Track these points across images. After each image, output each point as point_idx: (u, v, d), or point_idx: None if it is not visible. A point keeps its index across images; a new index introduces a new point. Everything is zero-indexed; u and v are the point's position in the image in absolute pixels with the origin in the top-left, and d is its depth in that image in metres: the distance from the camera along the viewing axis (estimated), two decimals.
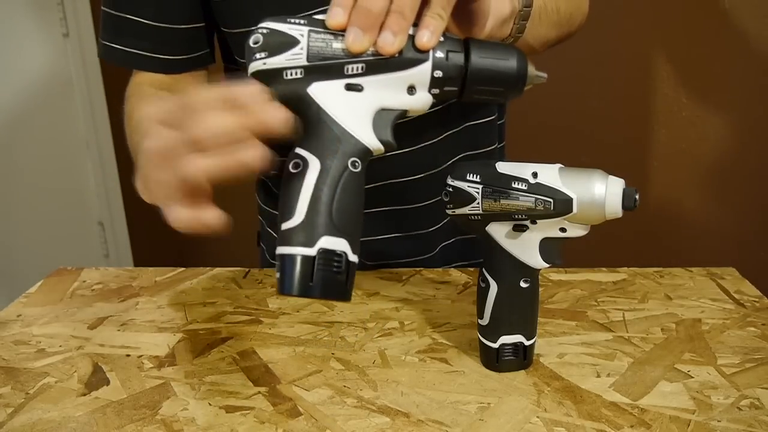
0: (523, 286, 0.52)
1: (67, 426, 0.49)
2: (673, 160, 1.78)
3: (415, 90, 0.42)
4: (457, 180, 0.51)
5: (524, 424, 0.48)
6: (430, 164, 0.74)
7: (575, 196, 0.47)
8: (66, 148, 1.90)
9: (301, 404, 0.50)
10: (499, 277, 0.52)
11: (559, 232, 0.49)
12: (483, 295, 0.53)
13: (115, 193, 2.02)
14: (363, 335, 0.61)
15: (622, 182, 0.47)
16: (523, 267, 0.51)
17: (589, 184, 0.47)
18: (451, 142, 0.74)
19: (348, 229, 0.40)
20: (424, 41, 0.41)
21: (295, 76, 0.40)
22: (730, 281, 0.70)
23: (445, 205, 0.52)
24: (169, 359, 0.57)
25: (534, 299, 0.53)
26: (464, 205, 0.51)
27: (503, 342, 0.53)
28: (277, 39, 0.40)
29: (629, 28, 1.72)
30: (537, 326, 0.54)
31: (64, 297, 0.70)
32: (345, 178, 0.40)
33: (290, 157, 0.40)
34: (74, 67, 1.87)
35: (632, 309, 0.65)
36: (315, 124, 0.41)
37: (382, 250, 0.75)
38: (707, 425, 0.47)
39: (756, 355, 0.56)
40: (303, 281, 0.39)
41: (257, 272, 0.75)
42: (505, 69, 0.44)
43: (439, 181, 0.64)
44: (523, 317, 0.53)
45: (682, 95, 1.73)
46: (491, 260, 0.52)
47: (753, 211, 1.77)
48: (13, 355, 0.59)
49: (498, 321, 0.53)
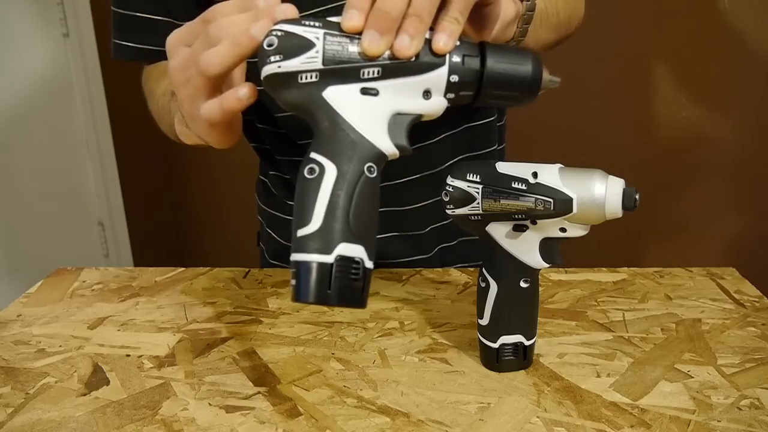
0: (523, 286, 0.52)
1: (67, 426, 0.49)
2: (673, 160, 1.78)
3: (431, 94, 0.42)
4: (457, 180, 0.51)
5: (524, 424, 0.48)
6: (427, 165, 0.73)
7: (575, 196, 0.47)
8: (66, 148, 1.90)
9: (301, 404, 0.50)
10: (499, 277, 0.52)
11: (559, 232, 0.49)
12: (483, 296, 0.53)
13: (115, 193, 2.02)
14: (363, 335, 0.61)
15: (622, 182, 0.47)
16: (523, 267, 0.51)
17: (590, 184, 0.47)
18: (449, 142, 0.74)
19: (365, 235, 0.40)
20: (441, 45, 0.41)
21: (311, 79, 0.40)
22: (730, 281, 0.70)
23: (444, 205, 0.52)
24: (169, 359, 0.57)
25: (534, 299, 0.53)
26: (464, 205, 0.51)
27: (503, 342, 0.53)
28: (292, 42, 0.39)
29: (629, 28, 1.72)
30: (537, 326, 0.54)
31: (64, 297, 0.70)
32: (361, 183, 0.40)
33: (305, 162, 0.40)
34: (74, 67, 1.87)
35: (632, 309, 0.65)
36: (330, 128, 0.40)
37: (379, 249, 0.76)
38: (707, 425, 0.47)
39: (756, 355, 0.56)
40: (320, 289, 0.38)
41: (257, 272, 0.75)
42: (521, 74, 0.43)
43: (438, 182, 0.64)
44: (523, 317, 0.53)
45: (682, 95, 1.74)
46: (491, 260, 0.52)
47: (753, 211, 1.77)
48: (13, 355, 0.59)
49: (498, 321, 0.53)
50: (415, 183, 0.74)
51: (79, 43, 1.85)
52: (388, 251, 0.77)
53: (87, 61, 1.88)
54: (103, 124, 1.95)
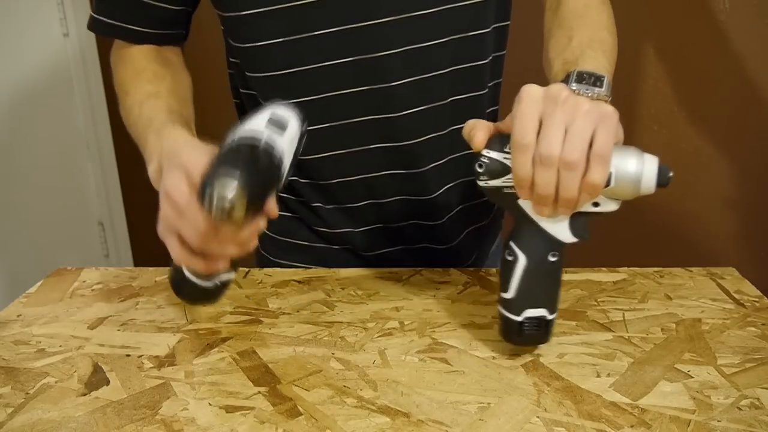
0: (551, 260, 0.53)
1: (67, 426, 0.49)
2: (673, 160, 1.78)
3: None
4: (494, 151, 0.51)
5: (524, 424, 0.48)
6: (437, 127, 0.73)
7: (614, 171, 0.48)
8: (66, 148, 1.90)
9: (301, 404, 0.50)
10: (528, 250, 0.53)
11: (592, 206, 0.50)
12: (509, 269, 0.53)
13: (115, 193, 2.02)
14: (363, 335, 0.61)
15: (657, 159, 0.49)
16: (553, 241, 0.52)
17: (626, 160, 0.49)
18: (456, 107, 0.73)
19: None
20: None
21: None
22: (730, 281, 0.70)
23: (477, 176, 0.52)
24: (169, 359, 0.57)
25: (559, 274, 0.54)
26: (499, 176, 0.52)
27: (527, 315, 0.54)
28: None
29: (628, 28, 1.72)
30: (559, 301, 0.55)
31: (64, 297, 0.70)
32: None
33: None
34: (74, 67, 1.87)
35: (632, 309, 0.65)
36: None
37: (397, 210, 0.76)
38: (707, 425, 0.47)
39: (756, 355, 0.56)
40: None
41: (257, 272, 0.75)
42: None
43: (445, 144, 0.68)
44: (548, 291, 0.54)
45: (682, 95, 1.73)
46: (520, 233, 0.53)
47: (753, 211, 1.77)
48: (13, 355, 0.59)
49: (524, 294, 0.53)
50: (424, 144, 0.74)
51: (79, 43, 1.85)
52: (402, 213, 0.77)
53: (87, 61, 1.88)
54: (103, 124, 1.95)
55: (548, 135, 0.48)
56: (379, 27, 0.66)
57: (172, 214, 0.53)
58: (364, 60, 0.67)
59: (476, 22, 0.70)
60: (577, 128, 0.47)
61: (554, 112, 0.48)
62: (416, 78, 0.69)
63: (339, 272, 0.74)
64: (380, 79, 0.68)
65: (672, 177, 0.49)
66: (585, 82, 0.54)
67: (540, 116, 0.49)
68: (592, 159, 0.47)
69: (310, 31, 0.66)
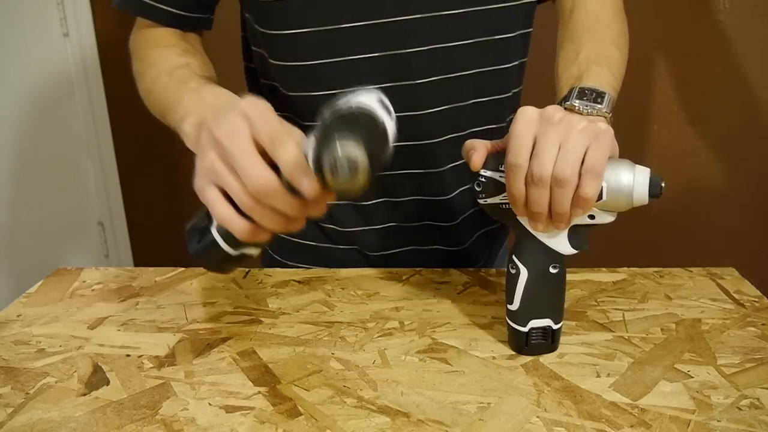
0: (552, 272, 0.54)
1: (67, 426, 0.49)
2: (673, 160, 1.78)
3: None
4: (490, 170, 0.53)
5: (524, 424, 0.48)
6: (457, 128, 0.73)
7: (605, 184, 0.49)
8: (66, 148, 1.90)
9: (301, 404, 0.50)
10: (529, 263, 0.54)
11: (588, 219, 0.51)
12: (513, 281, 0.55)
13: (115, 193, 2.02)
14: (363, 335, 0.61)
15: (648, 171, 0.50)
16: (553, 253, 0.53)
17: (618, 173, 0.49)
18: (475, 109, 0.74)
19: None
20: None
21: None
22: (730, 281, 0.70)
23: (477, 195, 0.54)
24: (169, 359, 0.57)
25: (562, 284, 0.55)
26: (496, 194, 0.53)
27: (533, 326, 0.55)
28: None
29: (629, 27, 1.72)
30: (564, 311, 0.56)
31: (64, 297, 0.70)
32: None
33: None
34: (74, 67, 1.87)
35: (632, 309, 0.65)
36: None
37: (411, 211, 0.77)
38: (707, 425, 0.47)
39: (756, 355, 0.56)
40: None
41: (257, 272, 0.75)
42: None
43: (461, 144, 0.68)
44: (552, 302, 0.55)
45: (682, 95, 1.73)
46: (521, 247, 0.54)
47: (753, 211, 1.77)
48: (13, 355, 0.59)
49: (528, 305, 0.54)
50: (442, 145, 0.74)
51: (79, 43, 1.85)
52: (419, 213, 0.77)
53: (87, 61, 1.88)
54: (103, 124, 1.94)
55: (541, 155, 0.49)
56: (408, 23, 0.66)
57: (220, 164, 0.47)
58: (390, 56, 0.67)
59: (502, 26, 0.71)
60: (570, 146, 0.48)
61: (548, 132, 0.49)
62: (440, 77, 0.69)
63: (339, 272, 0.74)
64: (405, 75, 0.68)
65: (664, 187, 0.50)
66: (586, 99, 0.56)
67: (534, 137, 0.50)
68: (584, 174, 0.48)
69: (340, 22, 0.66)
